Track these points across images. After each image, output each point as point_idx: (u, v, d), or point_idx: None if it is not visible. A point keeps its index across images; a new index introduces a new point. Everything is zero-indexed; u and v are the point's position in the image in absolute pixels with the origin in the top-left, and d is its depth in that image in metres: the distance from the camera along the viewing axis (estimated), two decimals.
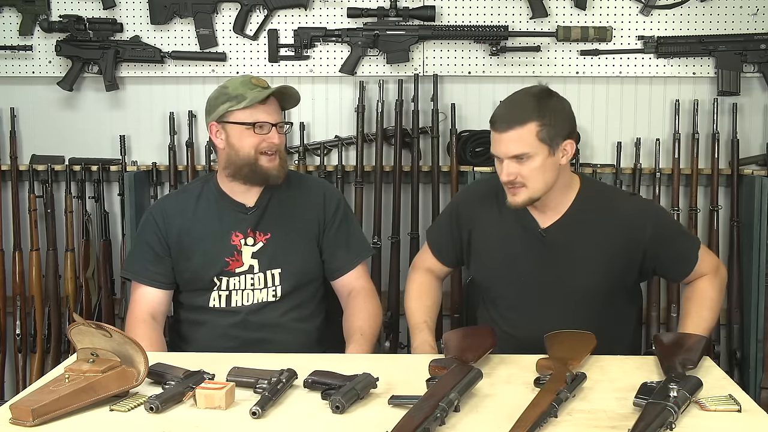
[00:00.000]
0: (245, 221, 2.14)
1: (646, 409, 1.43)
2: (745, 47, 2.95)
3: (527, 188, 1.95)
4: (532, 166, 1.92)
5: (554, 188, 1.98)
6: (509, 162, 1.93)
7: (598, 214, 2.03)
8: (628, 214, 2.04)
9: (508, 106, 1.97)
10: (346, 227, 2.23)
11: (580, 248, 2.01)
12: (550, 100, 1.95)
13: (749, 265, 2.93)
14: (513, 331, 2.08)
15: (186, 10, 3.06)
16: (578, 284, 2.02)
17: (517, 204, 1.98)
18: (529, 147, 1.91)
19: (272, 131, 2.10)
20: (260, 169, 2.10)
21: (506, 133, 1.92)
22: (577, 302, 2.02)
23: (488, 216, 2.11)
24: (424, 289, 2.20)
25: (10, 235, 3.18)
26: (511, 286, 2.08)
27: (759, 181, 2.88)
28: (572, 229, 2.02)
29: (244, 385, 1.62)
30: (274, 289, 2.13)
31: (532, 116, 1.90)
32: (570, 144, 1.96)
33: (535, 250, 2.04)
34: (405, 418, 1.38)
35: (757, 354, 2.93)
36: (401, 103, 3.02)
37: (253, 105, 2.08)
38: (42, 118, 3.21)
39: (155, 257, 2.16)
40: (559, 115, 1.94)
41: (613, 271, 2.03)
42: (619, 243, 2.01)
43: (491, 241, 2.10)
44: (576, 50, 3.02)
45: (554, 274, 2.02)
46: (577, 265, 2.01)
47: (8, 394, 3.17)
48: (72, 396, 1.51)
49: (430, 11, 2.98)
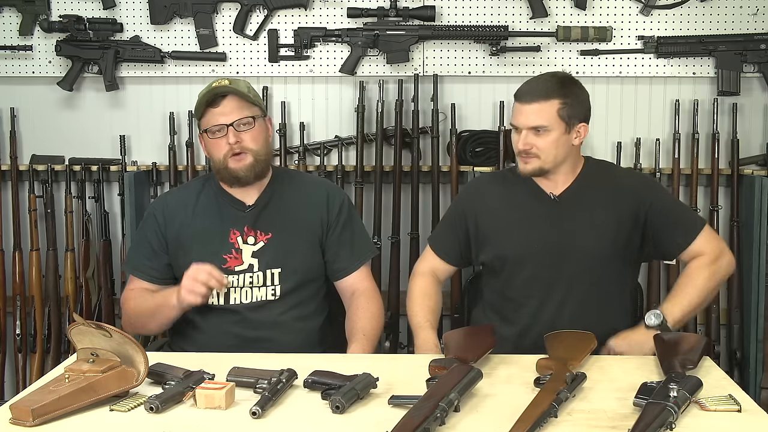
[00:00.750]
0: (243, 219, 2.14)
1: (646, 409, 1.43)
2: (745, 47, 2.95)
3: (540, 159, 2.08)
4: (548, 139, 2.06)
5: (564, 164, 2.12)
6: (527, 132, 2.07)
7: (605, 182, 2.17)
8: (631, 182, 2.20)
9: (535, 82, 2.12)
10: (350, 228, 2.22)
11: (590, 211, 2.12)
12: (574, 85, 2.12)
13: (749, 265, 2.93)
14: (527, 303, 2.13)
15: (186, 10, 3.06)
16: (590, 245, 2.10)
17: (526, 171, 2.11)
18: (548, 121, 2.05)
19: (229, 131, 2.06)
20: (229, 170, 2.09)
21: (530, 105, 2.06)
22: (589, 266, 2.10)
23: (495, 197, 2.21)
24: (426, 292, 2.21)
25: (10, 235, 3.18)
26: (527, 253, 2.13)
27: (759, 181, 2.88)
28: (581, 195, 2.14)
29: (244, 385, 1.62)
30: (273, 288, 2.13)
31: (556, 93, 2.06)
32: (584, 127, 2.11)
33: (549, 214, 2.13)
34: (405, 418, 1.38)
35: (757, 354, 2.93)
36: (401, 103, 3.02)
37: (207, 111, 2.08)
38: (42, 118, 3.21)
39: (152, 253, 2.18)
40: (579, 98, 2.10)
41: (622, 234, 2.11)
42: (625, 207, 2.12)
43: (502, 218, 2.18)
44: (576, 50, 3.03)
45: (568, 236, 2.10)
46: (589, 226, 2.11)
47: (8, 394, 3.18)
48: (72, 396, 1.51)
49: (430, 11, 2.98)
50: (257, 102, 2.13)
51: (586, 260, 2.10)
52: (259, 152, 2.11)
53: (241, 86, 2.10)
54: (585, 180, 2.16)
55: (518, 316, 2.15)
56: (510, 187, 2.20)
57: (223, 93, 2.07)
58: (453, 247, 2.25)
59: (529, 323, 2.13)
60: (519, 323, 2.14)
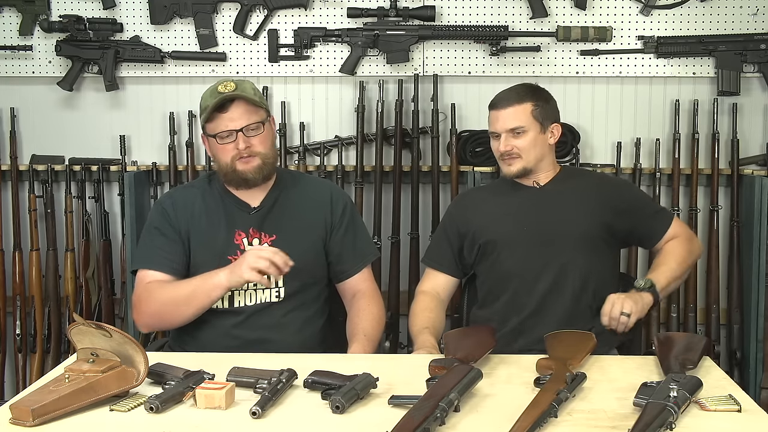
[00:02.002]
0: (248, 220, 2.14)
1: (646, 409, 1.43)
2: (745, 47, 2.95)
3: (522, 159, 2.24)
4: (526, 139, 2.24)
5: (543, 162, 2.28)
6: (506, 135, 2.24)
7: (584, 176, 2.45)
8: (609, 177, 2.49)
9: (507, 91, 2.31)
10: (352, 230, 2.22)
11: (573, 197, 2.27)
12: (542, 91, 2.32)
13: (749, 265, 2.94)
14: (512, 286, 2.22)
15: (186, 10, 3.06)
16: (574, 229, 2.22)
17: (512, 173, 2.27)
18: (524, 121, 2.23)
19: (239, 137, 2.05)
20: (238, 173, 2.08)
21: (505, 110, 2.25)
22: (575, 247, 2.20)
23: (480, 199, 2.36)
24: (427, 306, 2.26)
25: (10, 235, 3.18)
26: (515, 236, 2.24)
27: (759, 181, 2.88)
28: (563, 184, 2.30)
29: (244, 385, 1.62)
30: (278, 290, 2.12)
31: (527, 97, 2.26)
32: (556, 127, 2.30)
33: (534, 201, 2.27)
34: (405, 418, 1.38)
35: (757, 354, 2.94)
36: (401, 103, 3.02)
37: (214, 115, 2.06)
38: (42, 118, 3.21)
39: (168, 243, 2.12)
40: (549, 102, 2.30)
41: (604, 218, 2.24)
42: (605, 195, 2.28)
43: (489, 212, 2.30)
44: (576, 50, 3.03)
45: (554, 219, 2.23)
46: (574, 210, 2.24)
47: (8, 394, 3.18)
48: (72, 396, 1.51)
49: (430, 11, 2.98)
50: (263, 104, 2.12)
51: (571, 241, 2.21)
52: (267, 155, 2.10)
53: (247, 90, 2.08)
54: (565, 174, 2.34)
55: (507, 299, 2.22)
56: (495, 188, 2.41)
57: (231, 98, 2.05)
58: (446, 254, 2.33)
59: (515, 307, 2.21)
60: (505, 309, 2.22)
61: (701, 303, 3.04)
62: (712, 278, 3.01)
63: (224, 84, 2.07)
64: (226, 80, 2.09)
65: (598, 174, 2.52)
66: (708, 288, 3.02)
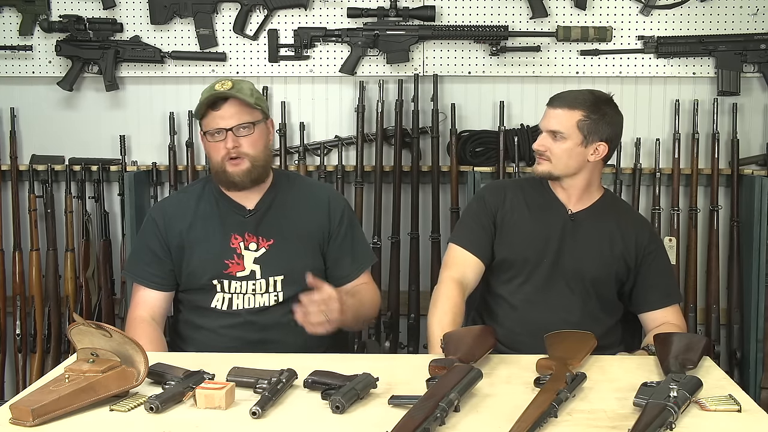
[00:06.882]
0: (244, 224, 2.13)
1: (646, 409, 1.43)
2: (745, 47, 2.95)
3: (551, 163, 2.14)
4: (562, 146, 2.12)
5: (578, 178, 2.16)
6: (546, 135, 2.14)
7: (618, 215, 2.23)
8: (642, 227, 2.25)
9: (568, 93, 2.21)
10: (351, 236, 2.21)
11: (599, 236, 2.17)
12: (606, 106, 2.15)
13: (749, 265, 2.93)
14: (522, 308, 2.16)
15: (186, 10, 3.06)
16: (590, 269, 2.15)
17: (537, 172, 2.18)
18: (565, 128, 2.11)
19: (228, 136, 2.05)
20: (227, 174, 2.08)
21: (555, 110, 2.14)
22: (583, 289, 2.15)
23: (515, 201, 2.24)
24: (450, 308, 2.08)
25: (10, 235, 3.18)
26: (534, 262, 2.16)
27: (759, 181, 2.88)
28: (597, 218, 2.19)
29: (244, 385, 1.62)
30: (276, 294, 2.12)
31: (582, 106, 2.11)
32: (603, 146, 2.13)
33: (563, 230, 2.17)
34: (405, 418, 1.38)
35: (757, 354, 2.94)
36: (401, 103, 3.02)
37: (207, 113, 2.07)
38: (42, 118, 3.21)
39: (155, 260, 2.15)
40: (605, 119, 2.13)
41: (617, 268, 2.16)
42: (631, 246, 2.17)
43: (520, 224, 2.20)
44: (576, 50, 3.03)
45: (575, 256, 2.15)
46: (594, 251, 2.16)
47: (8, 394, 3.18)
48: (72, 396, 1.51)
49: (430, 11, 2.98)
50: (259, 105, 2.10)
51: (584, 282, 2.15)
52: (257, 157, 2.08)
53: (243, 91, 2.07)
54: (601, 207, 2.21)
55: (507, 316, 2.17)
56: (529, 196, 2.23)
57: (225, 97, 2.05)
58: (482, 239, 2.19)
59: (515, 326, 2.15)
60: (505, 324, 2.15)
61: (701, 303, 3.04)
62: (712, 278, 3.01)
63: (222, 83, 2.07)
64: (226, 79, 2.09)
65: (635, 217, 2.31)
66: (708, 288, 3.02)
